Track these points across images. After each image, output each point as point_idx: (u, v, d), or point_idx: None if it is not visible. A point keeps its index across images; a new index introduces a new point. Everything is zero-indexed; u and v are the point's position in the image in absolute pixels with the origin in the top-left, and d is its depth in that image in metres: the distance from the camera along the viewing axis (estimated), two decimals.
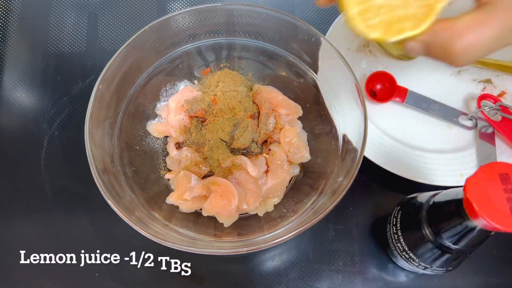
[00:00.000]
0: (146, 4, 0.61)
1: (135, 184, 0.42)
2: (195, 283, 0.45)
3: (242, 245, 0.37)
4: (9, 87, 0.55)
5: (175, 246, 0.33)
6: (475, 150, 0.49)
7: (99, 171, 0.36)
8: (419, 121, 0.51)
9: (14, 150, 0.52)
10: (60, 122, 0.53)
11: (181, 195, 0.42)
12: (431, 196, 0.36)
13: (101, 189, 0.35)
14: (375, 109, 0.51)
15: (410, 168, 0.47)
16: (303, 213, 0.40)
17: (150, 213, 0.40)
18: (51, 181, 0.50)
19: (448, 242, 0.33)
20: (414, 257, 0.38)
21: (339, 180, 0.38)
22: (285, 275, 0.46)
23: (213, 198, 0.41)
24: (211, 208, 0.41)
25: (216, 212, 0.41)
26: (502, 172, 0.28)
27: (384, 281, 0.45)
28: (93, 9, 0.60)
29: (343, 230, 0.47)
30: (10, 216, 0.48)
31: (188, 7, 0.45)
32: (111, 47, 0.58)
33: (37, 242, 0.47)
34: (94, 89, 0.39)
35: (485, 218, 0.27)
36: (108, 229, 0.48)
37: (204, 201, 0.42)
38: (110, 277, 0.45)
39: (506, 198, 0.27)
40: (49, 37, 0.58)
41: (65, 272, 0.46)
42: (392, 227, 0.41)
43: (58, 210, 0.49)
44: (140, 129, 0.47)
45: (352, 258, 0.46)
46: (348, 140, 0.41)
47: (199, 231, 0.40)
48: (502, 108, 0.49)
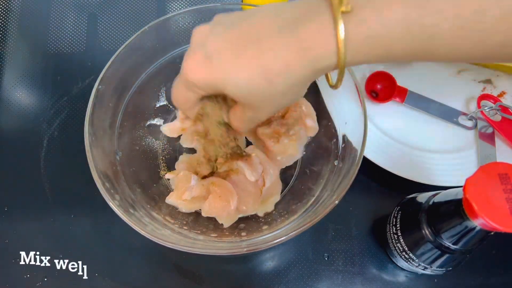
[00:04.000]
0: (146, 4, 0.61)
1: (135, 184, 0.42)
2: (195, 283, 0.45)
3: (242, 245, 0.37)
4: (9, 87, 0.55)
5: (175, 246, 0.33)
6: (475, 150, 0.49)
7: (99, 171, 0.36)
8: (419, 121, 0.51)
9: (14, 150, 0.52)
10: (60, 122, 0.53)
11: (181, 195, 0.42)
12: (431, 196, 0.36)
13: (101, 189, 0.35)
14: (375, 109, 0.51)
15: (410, 168, 0.47)
16: (303, 213, 0.40)
17: (150, 213, 0.40)
18: (51, 181, 0.50)
19: (448, 242, 0.33)
20: (413, 257, 0.38)
21: (339, 180, 0.38)
22: (285, 275, 0.46)
23: (212, 199, 0.41)
24: (210, 209, 0.41)
25: (215, 213, 0.41)
26: (501, 172, 0.28)
27: (383, 281, 0.45)
28: (93, 9, 0.60)
29: (343, 230, 0.47)
30: (10, 216, 0.48)
31: (188, 7, 0.45)
32: (111, 47, 0.58)
33: (37, 242, 0.47)
34: (94, 89, 0.39)
35: (484, 218, 0.27)
36: (108, 229, 0.48)
37: (203, 201, 0.42)
38: (110, 277, 0.45)
39: (506, 198, 0.27)
40: (49, 37, 0.58)
41: (65, 272, 0.46)
42: (392, 227, 0.41)
43: (58, 210, 0.49)
44: (140, 129, 0.47)
45: (352, 258, 0.46)
46: (348, 140, 0.41)
47: (199, 231, 0.40)
48: (502, 108, 0.49)
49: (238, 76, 0.28)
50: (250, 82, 0.28)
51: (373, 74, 0.52)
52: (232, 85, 0.29)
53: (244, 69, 0.28)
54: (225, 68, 0.29)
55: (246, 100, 0.30)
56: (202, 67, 0.30)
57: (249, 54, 0.28)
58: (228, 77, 0.29)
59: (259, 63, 0.28)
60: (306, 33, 0.27)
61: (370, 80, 0.52)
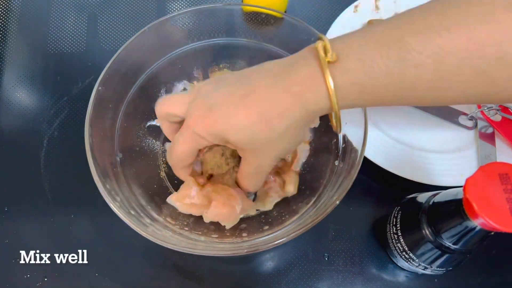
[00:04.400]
0: (146, 4, 0.61)
1: (135, 185, 0.42)
2: (195, 283, 0.45)
3: (243, 246, 0.37)
4: (9, 87, 0.55)
5: (176, 248, 0.33)
6: (475, 150, 0.49)
7: (99, 172, 0.36)
8: (419, 121, 0.51)
9: (13, 150, 0.52)
10: (60, 122, 0.53)
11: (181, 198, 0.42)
12: (431, 196, 0.36)
13: (102, 191, 0.35)
14: (375, 109, 0.51)
15: (410, 168, 0.47)
16: (303, 213, 0.40)
17: (151, 214, 0.40)
18: (51, 181, 0.50)
19: (448, 242, 0.33)
20: (414, 257, 0.38)
21: (340, 180, 0.38)
22: (285, 275, 0.46)
23: (215, 208, 0.40)
24: (216, 216, 0.41)
25: (221, 219, 0.41)
26: (502, 172, 0.28)
27: (384, 281, 0.45)
28: (93, 9, 0.60)
29: (343, 230, 0.47)
30: (10, 216, 0.48)
31: (188, 8, 0.45)
32: (111, 47, 0.58)
33: (37, 242, 0.47)
34: (94, 90, 0.39)
35: (484, 218, 0.27)
36: (108, 229, 0.48)
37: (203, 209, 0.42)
38: (110, 277, 0.45)
39: (506, 198, 0.27)
40: (49, 37, 0.58)
41: (65, 272, 0.46)
42: (392, 227, 0.41)
43: (58, 210, 0.49)
44: (140, 130, 0.47)
45: (352, 258, 0.46)
46: (348, 140, 0.41)
47: (200, 232, 0.40)
48: (502, 108, 0.49)
49: (239, 122, 0.31)
50: (251, 126, 0.31)
51: None
52: (234, 131, 0.31)
53: (244, 115, 0.31)
54: (226, 116, 0.31)
55: (247, 145, 0.32)
56: (206, 119, 0.32)
57: (248, 103, 0.30)
58: (230, 124, 0.31)
59: (258, 109, 0.30)
60: (297, 78, 0.30)
61: None
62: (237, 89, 0.32)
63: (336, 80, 0.28)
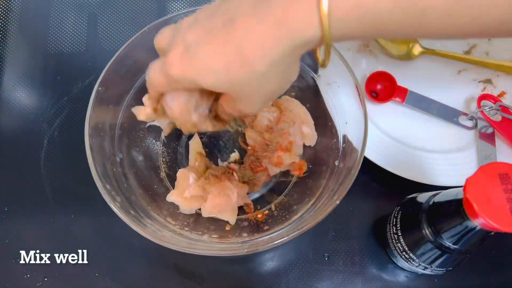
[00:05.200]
0: (146, 4, 0.61)
1: (135, 185, 0.42)
2: (195, 283, 0.45)
3: (243, 246, 0.37)
4: (9, 87, 0.55)
5: (176, 248, 0.33)
6: (475, 150, 0.49)
7: (99, 172, 0.36)
8: (419, 121, 0.51)
9: (14, 150, 0.52)
10: (60, 122, 0.53)
11: (181, 193, 0.42)
12: (431, 196, 0.36)
13: (102, 191, 0.35)
14: (375, 109, 0.51)
15: (410, 168, 0.47)
16: (303, 213, 0.40)
17: (151, 215, 0.40)
18: (51, 181, 0.50)
19: (448, 242, 0.33)
20: (414, 257, 0.38)
21: (340, 180, 0.39)
22: (285, 275, 0.46)
23: (212, 199, 0.41)
24: (213, 207, 0.41)
25: (219, 209, 0.41)
26: (502, 172, 0.28)
27: (384, 281, 0.45)
28: (93, 9, 0.60)
29: (343, 230, 0.47)
30: (10, 216, 0.48)
31: (188, 8, 0.45)
32: (111, 47, 0.58)
33: (37, 242, 0.47)
34: (94, 90, 0.39)
35: (485, 218, 0.27)
36: (108, 229, 0.48)
37: (202, 201, 0.42)
38: (110, 277, 0.45)
39: (506, 198, 0.27)
40: (49, 37, 0.58)
41: (65, 272, 0.46)
42: (392, 227, 0.41)
43: (58, 210, 0.49)
44: (140, 130, 0.47)
45: (352, 258, 0.46)
46: (348, 140, 0.41)
47: (200, 232, 0.40)
48: (502, 108, 0.49)
49: (215, 66, 0.26)
50: (228, 69, 0.26)
51: (373, 74, 0.52)
52: (210, 78, 0.27)
53: (219, 56, 0.26)
54: (201, 59, 0.26)
55: (229, 91, 0.28)
56: (181, 61, 0.27)
57: (224, 37, 0.26)
58: (205, 70, 0.27)
59: (233, 46, 0.26)
60: (281, 4, 0.24)
61: (370, 80, 0.52)
62: (215, 23, 0.27)
63: (333, 2, 0.23)
